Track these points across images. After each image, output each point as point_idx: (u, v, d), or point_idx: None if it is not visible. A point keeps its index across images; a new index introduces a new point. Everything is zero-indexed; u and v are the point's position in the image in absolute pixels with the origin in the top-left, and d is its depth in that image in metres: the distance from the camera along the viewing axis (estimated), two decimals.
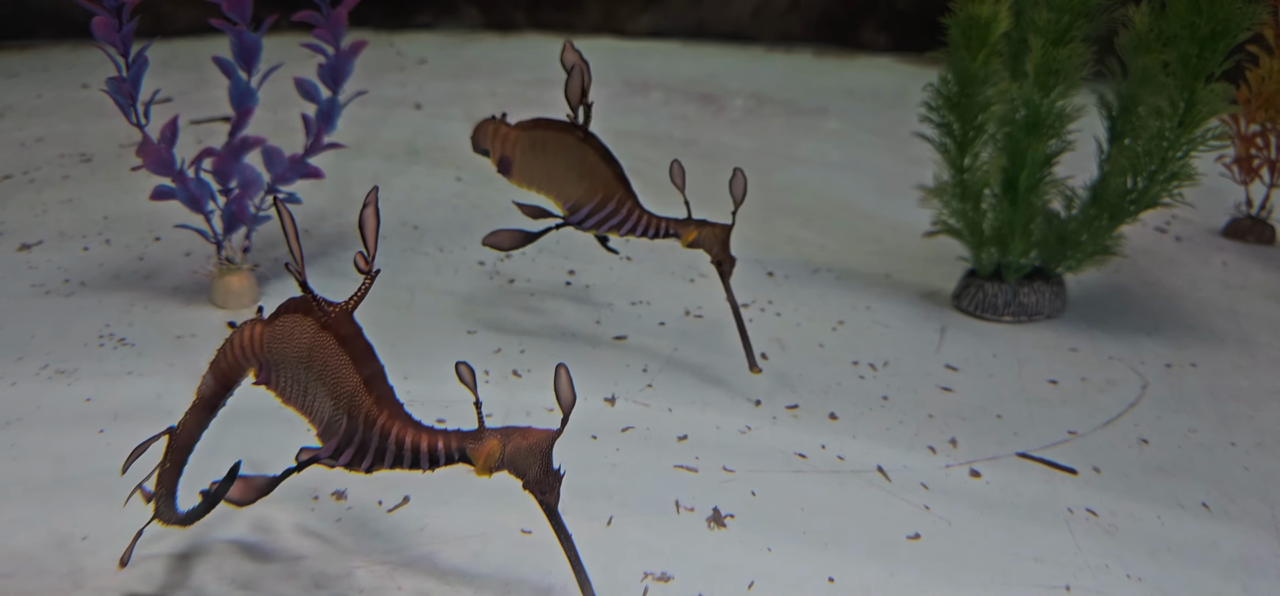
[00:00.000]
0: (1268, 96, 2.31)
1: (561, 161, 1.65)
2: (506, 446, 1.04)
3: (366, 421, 1.04)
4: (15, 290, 1.93)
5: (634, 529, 1.29)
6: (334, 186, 2.51)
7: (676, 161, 1.61)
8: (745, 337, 1.62)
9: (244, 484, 1.14)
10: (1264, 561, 1.29)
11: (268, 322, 1.08)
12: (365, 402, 1.03)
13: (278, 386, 1.09)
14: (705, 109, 3.45)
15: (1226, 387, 1.73)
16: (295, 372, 1.07)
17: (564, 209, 1.68)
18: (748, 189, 1.60)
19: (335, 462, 1.07)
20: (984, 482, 1.43)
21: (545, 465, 1.03)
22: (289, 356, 1.06)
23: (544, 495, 1.04)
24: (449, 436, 1.05)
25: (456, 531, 1.27)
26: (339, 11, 1.84)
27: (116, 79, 1.72)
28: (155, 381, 1.61)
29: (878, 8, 4.33)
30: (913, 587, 1.21)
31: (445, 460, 1.05)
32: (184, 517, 1.16)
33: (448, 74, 3.80)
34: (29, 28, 4.08)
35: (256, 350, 1.08)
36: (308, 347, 1.04)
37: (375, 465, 1.06)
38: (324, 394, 1.05)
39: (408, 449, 1.04)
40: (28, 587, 1.15)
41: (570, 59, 1.56)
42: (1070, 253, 1.94)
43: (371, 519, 1.29)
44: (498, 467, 1.04)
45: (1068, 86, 1.82)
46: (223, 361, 1.11)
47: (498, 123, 1.73)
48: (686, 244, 1.63)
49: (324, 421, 1.07)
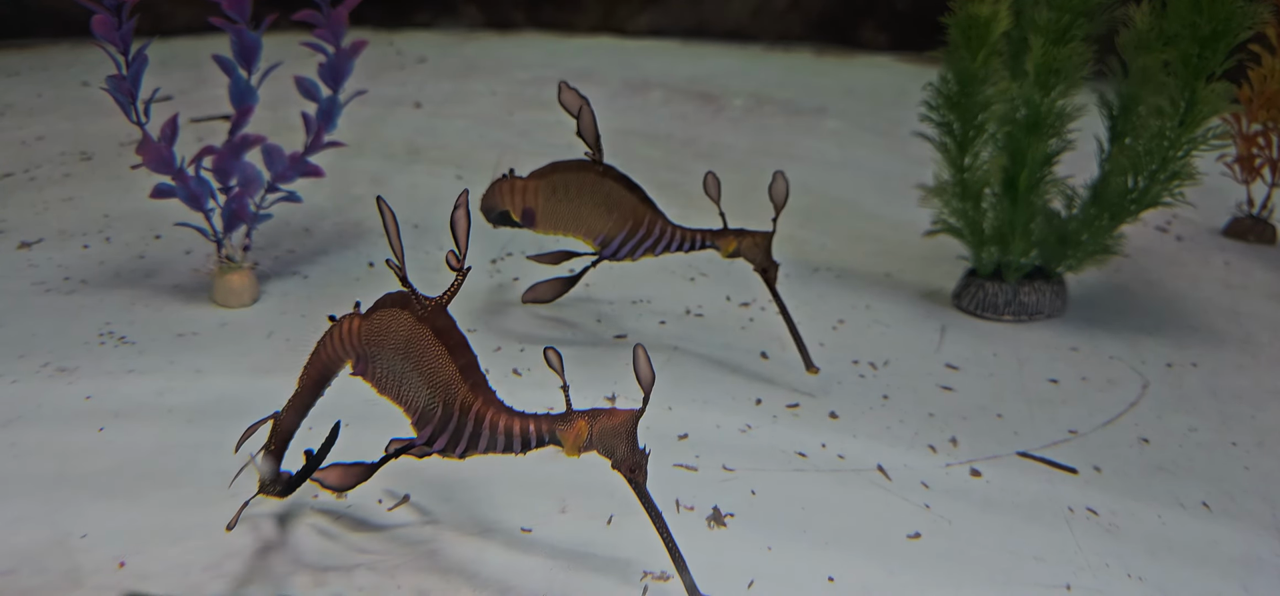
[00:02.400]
0: (1270, 95, 2.31)
1: (585, 199, 1.65)
2: (594, 428, 1.08)
3: (462, 408, 1.09)
4: (16, 288, 1.93)
5: (634, 527, 1.28)
6: (334, 185, 2.51)
7: (711, 173, 1.62)
8: (799, 339, 1.63)
9: (341, 471, 1.22)
10: (1264, 560, 1.29)
11: (366, 317, 1.14)
12: (461, 390, 1.09)
13: (374, 377, 1.15)
14: (705, 108, 3.45)
15: (1227, 387, 1.73)
16: (392, 364, 1.13)
17: (595, 244, 1.68)
18: (789, 194, 1.60)
19: (430, 449, 1.13)
20: (984, 482, 1.43)
21: (631, 444, 1.07)
22: (386, 348, 1.12)
23: (632, 473, 1.07)
24: (540, 420, 1.10)
25: (456, 530, 1.27)
26: (339, 11, 1.84)
27: (116, 77, 1.72)
28: (156, 379, 1.61)
29: (877, 7, 4.33)
30: (913, 586, 1.21)
31: (537, 443, 1.10)
32: (285, 489, 1.23)
33: (447, 73, 3.80)
34: (29, 26, 4.08)
35: (355, 343, 1.15)
36: (405, 340, 1.11)
37: (469, 450, 1.11)
38: (420, 383, 1.11)
39: (501, 433, 1.10)
40: (27, 585, 1.15)
41: (574, 101, 1.56)
42: (1071, 252, 1.94)
43: (372, 517, 1.29)
44: (586, 448, 1.09)
45: (1068, 86, 1.82)
46: (322, 353, 1.19)
47: (511, 179, 1.71)
48: (727, 254, 1.64)
49: (419, 410, 1.12)
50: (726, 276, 2.10)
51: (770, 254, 1.63)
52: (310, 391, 1.22)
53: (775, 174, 1.60)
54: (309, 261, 2.10)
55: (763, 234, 1.63)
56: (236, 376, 1.63)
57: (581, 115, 1.56)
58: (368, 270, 2.07)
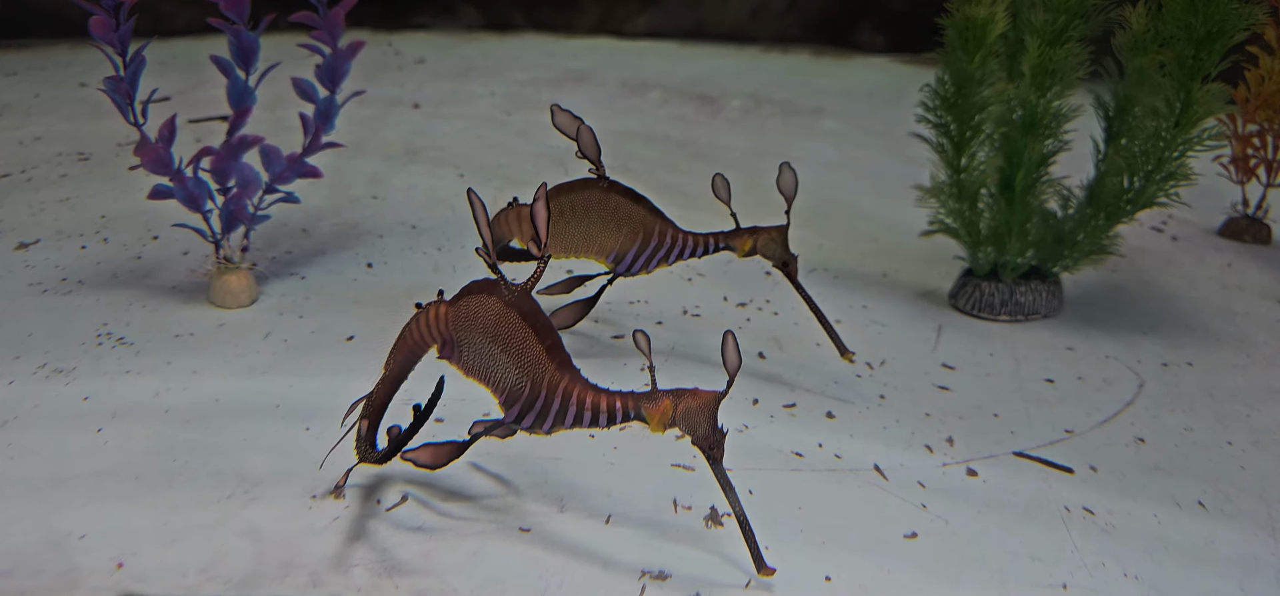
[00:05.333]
0: (1267, 96, 2.32)
1: (593, 218, 1.63)
2: (678, 406, 1.13)
3: (550, 386, 1.15)
4: (12, 289, 1.93)
5: (632, 527, 1.29)
6: (332, 186, 2.51)
7: (720, 175, 1.60)
8: (828, 327, 1.63)
9: (433, 450, 1.27)
10: (1260, 559, 1.29)
11: (452, 303, 1.21)
12: (549, 369, 1.15)
13: (460, 360, 1.22)
14: (703, 109, 3.45)
15: (1223, 386, 1.73)
16: (479, 346, 1.19)
17: (608, 262, 1.66)
18: (798, 185, 1.59)
19: (518, 426, 1.19)
20: (981, 481, 1.44)
21: (712, 423, 1.12)
22: (475, 332, 1.19)
23: (711, 450, 1.13)
24: (626, 397, 1.15)
25: (454, 529, 1.27)
26: (335, 11, 1.84)
27: (114, 78, 1.72)
28: (153, 380, 1.61)
29: (875, 9, 4.34)
30: (909, 586, 1.21)
31: (623, 418, 1.15)
32: (379, 457, 1.29)
33: (446, 74, 3.80)
34: (27, 26, 4.08)
35: (442, 328, 1.22)
36: (494, 323, 1.17)
37: (556, 426, 1.17)
38: (509, 364, 1.17)
39: (589, 408, 1.15)
40: (24, 586, 1.15)
41: (571, 124, 1.52)
42: (1067, 252, 1.94)
43: (369, 517, 1.29)
44: (670, 424, 1.14)
45: (1064, 87, 1.82)
46: (410, 338, 1.25)
47: (516, 208, 1.69)
48: (743, 254, 1.63)
49: (507, 389, 1.18)
50: (723, 277, 2.11)
51: (787, 246, 1.62)
52: (398, 374, 1.29)
53: (782, 166, 1.58)
54: (307, 262, 2.10)
55: (777, 228, 1.62)
56: (234, 377, 1.63)
57: (581, 135, 1.53)
58: (366, 271, 2.07)
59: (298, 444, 1.44)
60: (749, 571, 1.21)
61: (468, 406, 1.44)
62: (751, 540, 1.15)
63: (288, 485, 1.35)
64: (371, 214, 2.39)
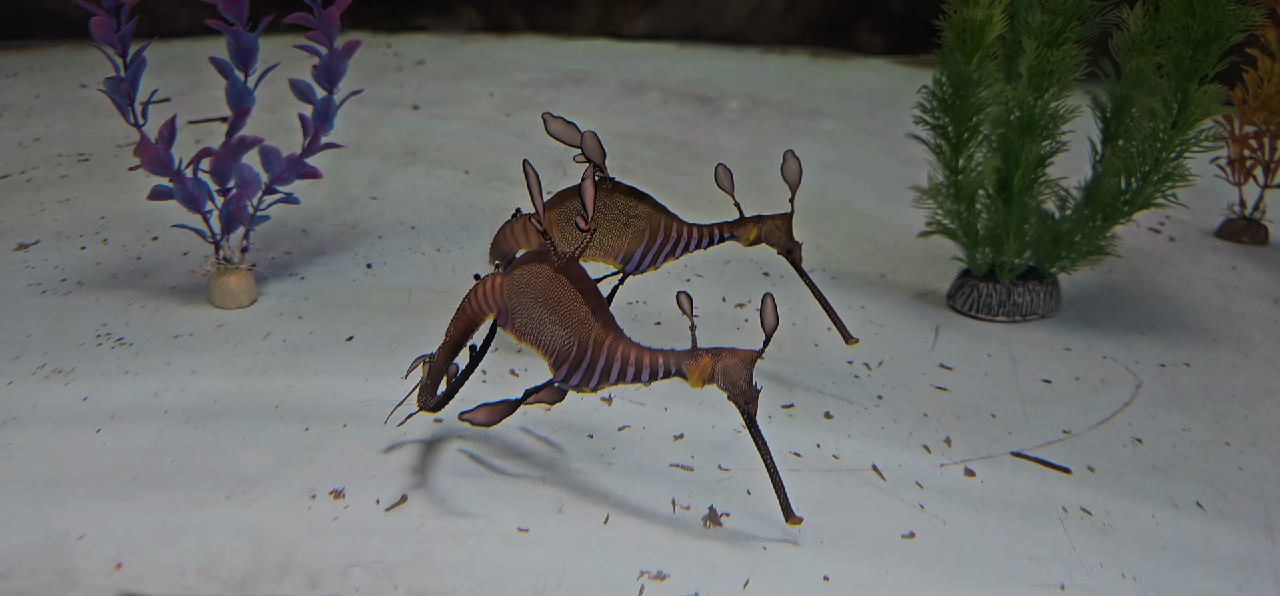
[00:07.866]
0: (1266, 98, 2.32)
1: (598, 220, 1.63)
2: (717, 364, 1.19)
3: (595, 344, 1.22)
4: (12, 289, 1.93)
5: (631, 527, 1.29)
6: (332, 187, 2.51)
7: (722, 165, 1.60)
8: (832, 314, 1.63)
9: (487, 409, 1.34)
10: (1258, 560, 1.30)
11: (507, 274, 1.28)
12: (594, 328, 1.21)
13: (514, 326, 1.28)
14: (701, 110, 3.46)
15: (1220, 387, 1.74)
16: (532, 311, 1.26)
17: (617, 263, 1.65)
18: (802, 173, 1.59)
19: (566, 384, 1.26)
20: (979, 481, 1.44)
21: (748, 379, 1.18)
22: (527, 297, 1.26)
23: (747, 405, 1.19)
24: (668, 355, 1.21)
25: (452, 530, 1.27)
26: (331, 11, 1.84)
27: (114, 79, 1.72)
28: (152, 380, 1.61)
29: (873, 10, 4.34)
30: (907, 586, 1.22)
31: (664, 374, 1.21)
32: (436, 405, 1.38)
33: (445, 75, 3.80)
34: (27, 27, 4.08)
35: (498, 298, 1.29)
36: (545, 288, 1.24)
37: (601, 383, 1.23)
38: (557, 325, 1.24)
39: (632, 365, 1.21)
40: (23, 587, 1.16)
41: (572, 134, 1.50)
42: (1064, 253, 1.94)
43: (368, 517, 1.29)
44: (710, 380, 1.19)
45: (1062, 88, 1.83)
46: (468, 308, 1.33)
47: (520, 219, 1.68)
48: (748, 242, 1.63)
49: (556, 350, 1.25)
50: (722, 277, 2.11)
51: (792, 234, 1.63)
52: (457, 340, 1.35)
53: (786, 154, 1.58)
54: (306, 263, 2.10)
55: (781, 216, 1.62)
56: (233, 378, 1.63)
57: (586, 142, 1.52)
58: (365, 272, 2.08)
59: (296, 444, 1.44)
60: (747, 571, 1.21)
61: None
62: (781, 491, 1.21)
63: (286, 485, 1.35)
64: (371, 214, 2.39)
